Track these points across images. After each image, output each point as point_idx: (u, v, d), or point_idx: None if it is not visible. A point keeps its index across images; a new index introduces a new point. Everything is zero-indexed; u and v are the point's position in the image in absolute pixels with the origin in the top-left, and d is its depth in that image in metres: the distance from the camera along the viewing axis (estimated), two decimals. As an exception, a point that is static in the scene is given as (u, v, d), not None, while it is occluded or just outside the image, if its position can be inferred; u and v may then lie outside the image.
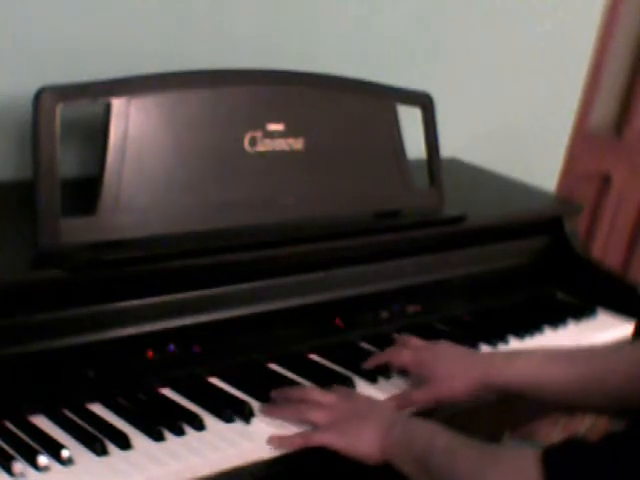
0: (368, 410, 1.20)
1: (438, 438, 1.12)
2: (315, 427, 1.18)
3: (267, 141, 1.38)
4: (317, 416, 1.18)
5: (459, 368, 1.29)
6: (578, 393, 1.24)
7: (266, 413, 1.20)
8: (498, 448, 1.10)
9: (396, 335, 1.49)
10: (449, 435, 1.12)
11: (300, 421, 1.19)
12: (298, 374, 1.33)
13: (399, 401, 1.29)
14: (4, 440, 1.05)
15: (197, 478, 1.08)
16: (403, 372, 1.37)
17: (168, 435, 1.12)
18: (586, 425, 2.24)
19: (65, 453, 1.03)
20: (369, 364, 1.36)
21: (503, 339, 1.56)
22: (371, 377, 1.35)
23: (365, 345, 1.47)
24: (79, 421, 1.12)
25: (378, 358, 1.37)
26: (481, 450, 1.08)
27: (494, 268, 1.73)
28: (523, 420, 1.71)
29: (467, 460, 1.06)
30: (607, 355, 1.28)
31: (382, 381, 1.36)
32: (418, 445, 1.12)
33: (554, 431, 2.10)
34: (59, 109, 1.17)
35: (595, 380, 1.22)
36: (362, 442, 1.15)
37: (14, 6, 1.37)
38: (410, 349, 1.35)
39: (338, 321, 1.46)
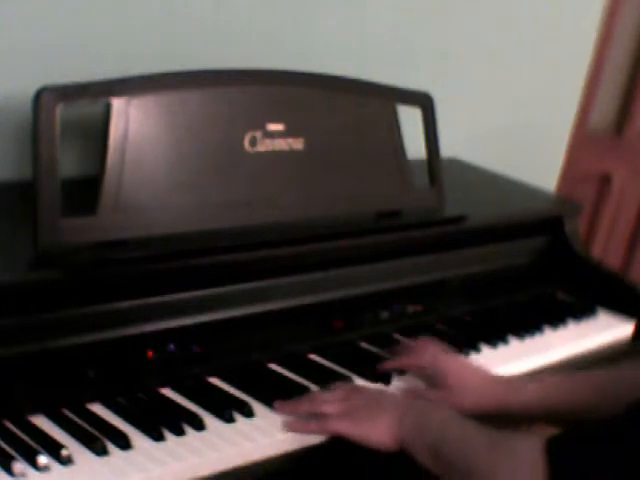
0: (381, 399, 1.21)
1: (451, 426, 1.12)
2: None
3: (267, 141, 1.38)
4: (331, 408, 1.19)
5: (480, 388, 1.29)
6: (592, 414, 1.24)
7: (277, 410, 1.21)
8: (507, 438, 1.10)
9: (397, 336, 1.49)
10: (461, 422, 1.12)
11: (313, 414, 1.19)
12: (298, 374, 1.33)
13: (416, 395, 1.30)
14: (4, 440, 1.05)
15: (197, 478, 1.08)
16: (402, 372, 1.37)
17: (168, 435, 1.12)
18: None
19: (65, 453, 1.03)
20: (383, 368, 1.36)
21: (503, 339, 1.56)
22: (371, 377, 1.35)
23: (365, 345, 1.47)
24: (79, 421, 1.12)
25: (393, 363, 1.36)
26: (491, 440, 1.08)
27: (494, 268, 1.73)
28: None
29: (477, 450, 1.07)
30: (619, 373, 1.27)
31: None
32: (431, 433, 1.13)
33: (553, 431, 2.10)
34: (59, 109, 1.17)
35: (609, 400, 1.22)
36: (376, 430, 1.15)
37: (14, 6, 1.37)
38: (430, 353, 1.34)
39: (338, 321, 1.46)
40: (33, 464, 1.01)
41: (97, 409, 1.16)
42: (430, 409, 1.19)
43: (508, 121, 2.31)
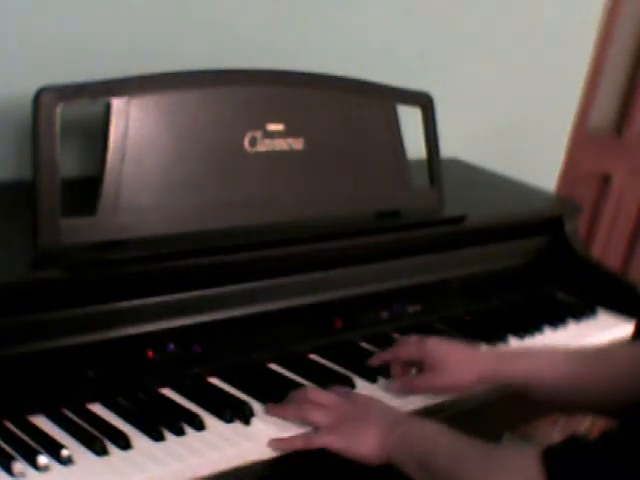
0: (369, 410, 1.20)
1: (441, 440, 1.11)
2: (316, 428, 1.18)
3: (267, 141, 1.38)
4: (318, 417, 1.18)
5: (467, 359, 1.29)
6: (583, 392, 1.23)
7: (268, 413, 1.21)
8: (500, 451, 1.10)
9: (396, 335, 1.50)
10: (452, 436, 1.11)
11: (301, 421, 1.19)
12: (298, 374, 1.33)
13: (401, 383, 1.30)
14: (4, 440, 1.05)
15: (197, 478, 1.08)
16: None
17: (168, 435, 1.12)
18: (585, 425, 2.24)
19: (65, 453, 1.03)
20: (374, 361, 1.36)
21: (503, 339, 1.56)
22: (371, 377, 1.35)
23: (365, 345, 1.47)
24: (79, 421, 1.12)
25: (383, 355, 1.36)
26: (484, 453, 1.07)
27: (494, 268, 1.73)
28: (523, 420, 1.70)
29: (470, 464, 1.06)
30: (613, 354, 1.27)
31: (382, 381, 1.35)
32: (421, 446, 1.12)
33: (553, 431, 2.10)
34: (59, 109, 1.17)
35: (603, 380, 1.22)
36: (363, 443, 1.15)
37: (14, 6, 1.37)
38: (414, 342, 1.34)
39: (338, 321, 1.46)
40: (33, 464, 1.01)
41: (97, 409, 1.16)
42: (419, 421, 1.18)
43: (508, 121, 2.31)
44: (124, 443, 1.08)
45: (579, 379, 1.24)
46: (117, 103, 1.23)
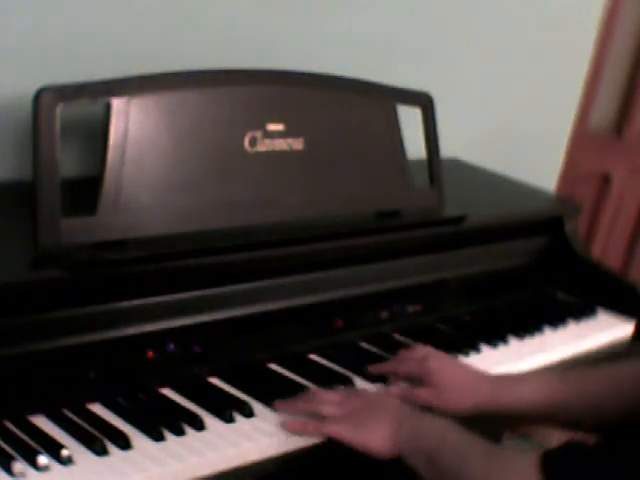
0: (380, 404, 1.21)
1: (448, 436, 1.12)
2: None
3: (267, 141, 1.38)
4: (329, 410, 1.19)
5: (466, 385, 1.29)
6: (584, 414, 1.24)
7: (278, 408, 1.21)
8: (502, 452, 1.11)
9: (397, 335, 1.50)
10: (459, 434, 1.12)
11: (312, 415, 1.19)
12: (298, 374, 1.33)
13: (403, 394, 1.29)
14: (4, 440, 1.05)
15: (197, 478, 1.08)
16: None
17: (168, 435, 1.12)
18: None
19: (65, 453, 1.03)
20: (374, 370, 1.36)
21: (503, 339, 1.56)
22: (371, 377, 1.35)
23: (365, 345, 1.47)
24: (79, 421, 1.12)
25: (384, 367, 1.36)
26: (487, 453, 1.08)
27: (494, 268, 1.73)
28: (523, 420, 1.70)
29: (472, 463, 1.07)
30: (611, 373, 1.27)
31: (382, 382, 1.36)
32: (428, 441, 1.13)
33: (553, 431, 2.10)
34: (59, 109, 1.17)
35: (602, 400, 1.22)
36: (373, 436, 1.15)
37: (14, 6, 1.37)
38: (416, 359, 1.34)
39: (338, 321, 1.46)
40: (33, 464, 1.01)
41: (97, 409, 1.16)
42: (428, 417, 1.19)
43: (508, 121, 2.31)
44: (124, 443, 1.08)
45: (582, 402, 1.24)
46: (117, 103, 1.23)
